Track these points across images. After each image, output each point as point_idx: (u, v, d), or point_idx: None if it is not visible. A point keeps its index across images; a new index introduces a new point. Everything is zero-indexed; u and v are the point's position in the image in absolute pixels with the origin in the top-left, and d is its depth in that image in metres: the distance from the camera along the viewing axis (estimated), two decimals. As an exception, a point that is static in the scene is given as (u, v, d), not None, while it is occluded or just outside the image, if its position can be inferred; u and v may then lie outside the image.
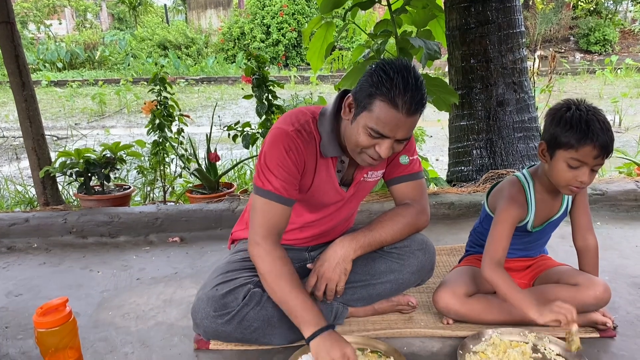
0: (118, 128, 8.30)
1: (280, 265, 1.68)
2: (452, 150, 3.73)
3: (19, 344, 1.92)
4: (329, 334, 1.60)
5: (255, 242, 1.71)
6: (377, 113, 1.56)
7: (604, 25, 15.65)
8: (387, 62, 1.60)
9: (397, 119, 1.56)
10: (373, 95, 1.57)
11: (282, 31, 16.21)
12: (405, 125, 1.59)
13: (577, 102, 1.73)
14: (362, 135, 1.61)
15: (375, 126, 1.57)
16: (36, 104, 3.36)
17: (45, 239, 2.97)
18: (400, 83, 1.54)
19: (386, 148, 1.61)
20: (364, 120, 1.59)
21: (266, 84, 3.48)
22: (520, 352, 1.71)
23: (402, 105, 1.54)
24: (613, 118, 7.07)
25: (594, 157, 1.67)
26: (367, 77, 1.61)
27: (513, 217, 1.85)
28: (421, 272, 1.92)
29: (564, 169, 1.73)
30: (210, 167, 3.70)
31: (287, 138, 1.70)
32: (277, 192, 1.69)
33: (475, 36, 3.40)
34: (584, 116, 1.68)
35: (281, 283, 1.66)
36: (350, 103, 1.65)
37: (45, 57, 16.14)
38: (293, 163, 1.70)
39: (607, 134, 1.67)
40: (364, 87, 1.60)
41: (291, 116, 1.77)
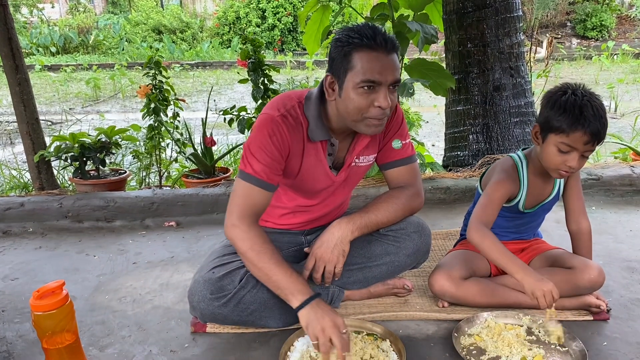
0: (113, 113, 8.25)
1: (259, 242, 1.67)
2: (449, 135, 3.73)
3: (16, 328, 1.92)
4: (317, 303, 1.60)
5: (232, 224, 1.69)
6: (361, 64, 1.59)
7: (601, 10, 15.57)
8: (345, 28, 1.65)
9: (379, 59, 1.59)
10: (348, 54, 1.60)
11: (277, 15, 16.07)
12: (390, 65, 1.61)
13: (574, 87, 1.73)
14: (356, 97, 1.62)
15: (364, 77, 1.59)
16: (30, 88, 3.33)
17: (40, 223, 2.97)
18: (367, 30, 1.59)
19: (383, 97, 1.61)
20: (352, 80, 1.61)
21: (262, 68, 3.46)
22: (515, 334, 1.73)
23: (378, 45, 1.58)
24: (609, 104, 7.08)
25: (584, 142, 1.68)
26: (334, 46, 1.65)
27: (504, 189, 1.87)
28: (417, 254, 1.93)
29: (554, 153, 1.74)
30: (206, 151, 3.68)
31: (272, 123, 1.70)
32: (258, 175, 1.69)
33: (472, 20, 3.39)
34: (578, 101, 1.68)
35: (263, 258, 1.65)
36: (331, 81, 1.67)
37: (38, 41, 15.96)
38: (276, 148, 1.69)
39: (600, 120, 1.67)
40: (336, 54, 1.63)
41: (277, 101, 1.77)
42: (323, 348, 1.53)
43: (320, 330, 1.54)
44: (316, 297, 1.62)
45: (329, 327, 1.53)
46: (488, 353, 1.66)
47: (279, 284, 1.64)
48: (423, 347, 1.73)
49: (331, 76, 1.66)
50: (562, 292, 1.83)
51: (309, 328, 1.56)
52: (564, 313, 1.86)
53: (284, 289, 1.64)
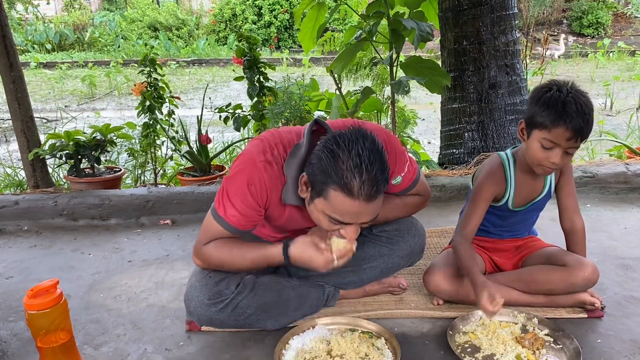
0: (108, 110, 8.23)
1: (220, 245, 1.69)
2: (444, 132, 3.73)
3: (10, 326, 1.92)
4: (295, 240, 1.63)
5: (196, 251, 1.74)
6: (333, 203, 1.45)
7: (597, 8, 15.59)
8: (336, 139, 1.45)
9: (355, 207, 1.44)
10: (325, 183, 1.44)
11: (274, 13, 16.03)
12: (368, 211, 1.47)
13: (560, 84, 1.73)
14: (322, 222, 1.54)
15: (333, 215, 1.48)
16: (24, 85, 3.32)
17: (35, 221, 2.96)
18: (352, 166, 1.39)
19: (352, 232, 1.54)
20: (320, 207, 1.50)
21: (258, 66, 3.46)
22: (510, 332, 1.73)
23: (358, 193, 1.41)
24: (605, 101, 7.09)
25: (567, 139, 1.68)
26: (317, 158, 1.47)
27: (488, 192, 1.89)
28: (411, 255, 1.93)
29: (537, 149, 1.75)
30: (202, 149, 3.68)
31: (253, 169, 1.60)
32: (228, 220, 1.64)
33: (468, 18, 3.38)
34: (562, 97, 1.68)
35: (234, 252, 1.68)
36: (305, 182, 1.54)
37: (33, 38, 15.87)
38: (254, 198, 1.61)
39: (583, 117, 1.65)
40: (316, 170, 1.47)
41: (265, 143, 1.64)
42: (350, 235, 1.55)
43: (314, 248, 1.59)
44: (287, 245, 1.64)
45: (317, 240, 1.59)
46: (483, 351, 1.66)
47: (257, 257, 1.68)
48: (418, 344, 1.73)
49: (306, 179, 1.53)
50: (556, 290, 1.85)
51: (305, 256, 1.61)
52: (558, 310, 1.86)
53: (263, 257, 1.67)
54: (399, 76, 2.95)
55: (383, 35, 3.10)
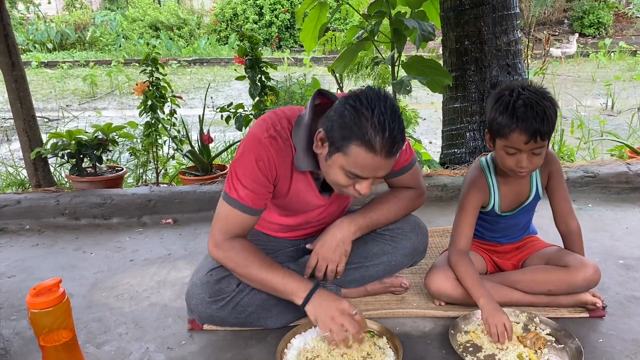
0: (110, 110, 8.24)
1: (244, 255, 1.66)
2: (446, 132, 3.73)
3: (13, 325, 1.92)
4: (319, 295, 1.60)
5: (214, 247, 1.69)
6: (354, 158, 1.48)
7: (598, 8, 15.56)
8: (358, 98, 1.48)
9: (375, 162, 1.48)
10: (347, 138, 1.46)
11: (275, 12, 16.03)
12: (386, 166, 1.52)
13: (512, 87, 1.69)
14: (339, 176, 1.55)
15: (352, 169, 1.50)
16: (26, 85, 3.33)
17: (37, 220, 2.96)
18: (376, 122, 1.43)
19: (366, 187, 1.55)
20: (339, 162, 1.52)
21: (259, 65, 3.46)
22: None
23: (380, 148, 1.45)
24: (606, 101, 7.08)
25: (525, 142, 1.64)
26: (338, 114, 1.49)
27: (473, 202, 1.88)
28: (414, 254, 1.93)
29: (503, 156, 1.73)
30: (203, 148, 3.68)
31: (259, 146, 1.62)
32: (242, 201, 1.64)
33: (469, 17, 3.38)
34: (512, 101, 1.63)
35: (253, 271, 1.65)
36: (322, 138, 1.55)
37: (35, 38, 15.88)
38: (263, 174, 1.63)
39: (536, 117, 1.60)
40: (336, 126, 1.49)
41: (267, 121, 1.67)
42: (339, 336, 1.53)
43: (330, 319, 1.54)
44: (317, 289, 1.62)
45: (338, 315, 1.54)
46: (484, 350, 1.66)
47: (277, 289, 1.65)
48: (420, 344, 1.73)
49: (324, 135, 1.53)
50: (557, 291, 1.84)
51: (318, 322, 1.57)
52: (560, 310, 1.86)
53: (283, 292, 1.64)
54: (401, 76, 2.96)
55: (385, 35, 3.11)
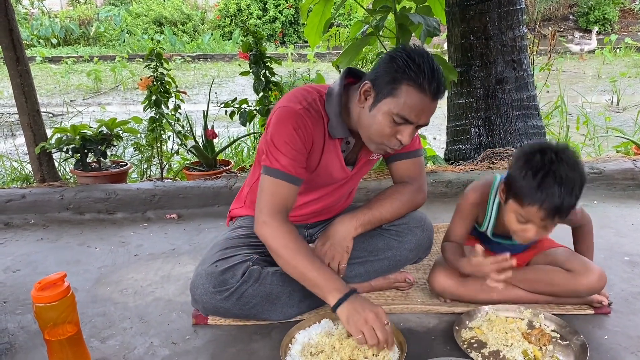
0: (114, 105, 8.24)
1: (294, 239, 1.66)
2: (451, 128, 3.72)
3: (18, 319, 1.93)
4: (356, 298, 1.60)
5: (263, 222, 1.68)
6: (405, 98, 1.55)
7: (604, 3, 15.48)
8: (409, 48, 1.59)
9: (423, 103, 1.56)
10: (398, 80, 1.55)
11: (279, 8, 15.99)
12: (430, 110, 1.59)
13: (546, 148, 1.57)
14: (384, 123, 1.59)
15: (401, 111, 1.56)
16: (31, 79, 3.33)
17: (42, 215, 2.97)
18: (427, 68, 1.54)
19: (408, 134, 1.60)
20: (387, 106, 1.57)
21: (264, 60, 3.45)
22: (516, 328, 1.72)
23: (429, 89, 1.54)
24: (611, 98, 7.05)
25: (540, 219, 1.57)
26: (388, 62, 1.58)
27: (467, 209, 1.87)
28: (419, 249, 1.93)
29: (512, 219, 1.66)
30: (208, 144, 3.68)
31: (295, 116, 1.67)
32: (285, 170, 1.67)
33: (475, 13, 3.37)
34: (541, 171, 1.52)
35: (298, 257, 1.65)
36: (367, 90, 1.62)
37: (39, 33, 15.88)
38: (302, 141, 1.68)
39: (561, 196, 1.50)
40: (386, 72, 1.57)
41: (297, 95, 1.73)
42: (371, 341, 1.53)
43: (364, 322, 1.54)
44: (353, 293, 1.62)
45: (372, 320, 1.54)
46: (489, 346, 1.66)
47: (316, 282, 1.64)
48: (424, 340, 1.73)
49: (370, 86, 1.61)
50: (560, 293, 1.83)
51: (350, 322, 1.56)
52: (564, 307, 1.86)
53: (321, 287, 1.63)
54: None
55: (390, 30, 3.09)
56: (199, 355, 1.68)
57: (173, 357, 1.68)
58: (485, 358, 1.61)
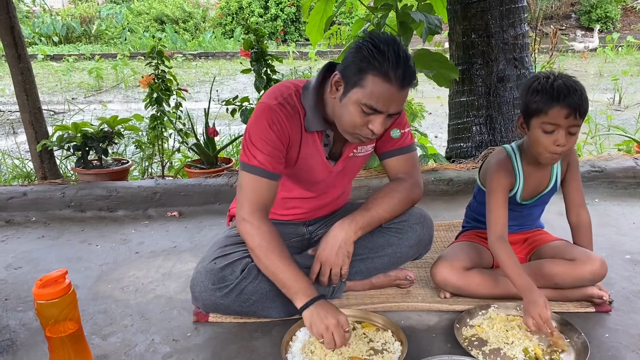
0: (115, 103, 8.24)
1: (268, 239, 1.67)
2: (452, 126, 3.72)
3: (19, 316, 1.93)
4: (321, 304, 1.61)
5: (242, 219, 1.69)
6: (370, 88, 1.55)
7: (606, 2, 15.45)
8: (375, 36, 1.58)
9: (390, 92, 1.55)
10: (364, 70, 1.55)
11: (280, 6, 15.99)
12: (398, 99, 1.58)
13: (546, 73, 1.76)
14: (354, 113, 1.60)
15: (368, 101, 1.56)
16: (32, 77, 3.33)
17: (43, 212, 2.98)
18: (392, 56, 1.53)
19: (379, 124, 1.60)
20: (355, 97, 1.58)
21: (265, 58, 3.45)
22: (517, 325, 1.72)
23: (395, 79, 1.53)
24: (613, 96, 7.04)
25: (565, 116, 1.68)
26: (354, 52, 1.58)
27: (503, 185, 1.87)
28: (419, 245, 1.93)
29: (541, 136, 1.74)
30: (209, 142, 3.68)
31: (269, 112, 1.69)
32: (262, 166, 1.68)
33: (476, 11, 3.36)
34: (550, 81, 1.71)
35: (271, 256, 1.66)
36: (337, 81, 1.63)
37: (40, 31, 15.89)
38: (277, 137, 1.69)
39: (576, 93, 1.67)
40: (352, 62, 1.58)
41: (274, 90, 1.76)
42: (328, 345, 1.56)
43: (325, 328, 1.56)
44: (320, 299, 1.63)
45: (332, 325, 1.56)
46: (490, 344, 1.66)
47: (285, 283, 1.65)
48: (425, 338, 1.73)
49: (340, 77, 1.62)
50: (564, 284, 1.84)
51: (312, 326, 1.59)
52: (566, 305, 1.86)
53: (289, 288, 1.65)
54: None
55: (391, 28, 3.09)
56: (200, 352, 1.69)
57: (174, 354, 1.68)
58: (486, 356, 1.61)
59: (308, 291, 1.64)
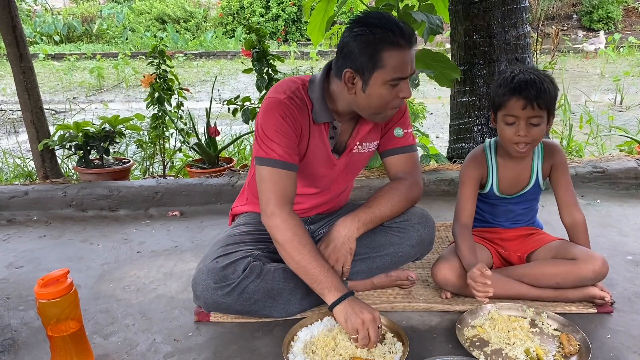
0: (116, 102, 8.25)
1: (300, 233, 1.68)
2: (453, 126, 3.71)
3: (21, 315, 1.93)
4: (354, 299, 1.64)
5: (271, 213, 1.69)
6: (391, 63, 1.60)
7: (607, 2, 15.43)
8: (362, 19, 1.64)
9: (406, 56, 1.62)
10: (377, 51, 1.59)
11: (281, 5, 15.99)
12: (413, 57, 1.66)
13: (514, 68, 1.82)
14: (384, 93, 1.65)
15: (394, 75, 1.62)
16: (34, 76, 3.33)
17: (45, 211, 2.98)
18: (390, 25, 1.60)
19: (407, 88, 1.68)
20: (381, 78, 1.62)
21: (266, 58, 3.45)
22: (518, 326, 1.72)
23: (404, 42, 1.60)
24: (615, 96, 7.03)
25: (522, 108, 1.75)
26: (355, 42, 1.62)
27: (470, 176, 1.96)
28: (421, 245, 1.93)
29: (504, 128, 1.82)
30: (210, 141, 3.68)
31: (281, 105, 1.71)
32: (282, 158, 1.70)
33: (478, 11, 3.36)
34: (512, 76, 1.77)
35: (303, 251, 1.66)
36: (351, 76, 1.66)
37: (42, 30, 15.90)
38: (291, 128, 1.72)
39: (534, 86, 1.72)
40: (360, 52, 1.61)
41: (282, 85, 1.79)
42: (363, 341, 1.57)
43: (361, 323, 1.57)
44: (351, 294, 1.64)
45: (369, 321, 1.57)
46: (491, 345, 1.66)
47: (317, 278, 1.66)
48: (426, 338, 1.73)
49: (352, 72, 1.65)
50: (565, 284, 1.84)
51: (347, 322, 1.59)
52: (567, 305, 1.85)
53: (320, 283, 1.65)
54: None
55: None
56: (201, 352, 1.69)
57: (175, 354, 1.68)
58: (488, 356, 1.61)
59: (340, 287, 1.65)
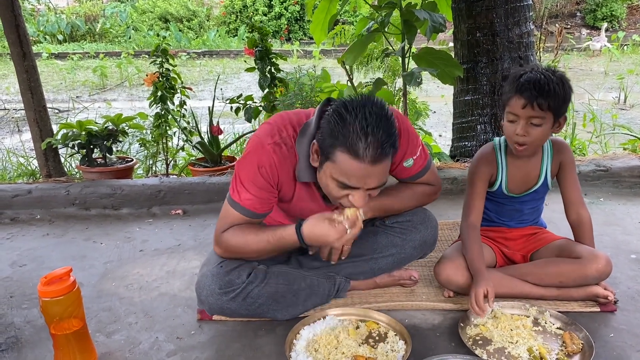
0: (119, 101, 8.26)
1: (239, 232, 1.70)
2: (456, 125, 3.71)
3: (24, 313, 1.94)
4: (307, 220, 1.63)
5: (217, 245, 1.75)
6: (340, 165, 1.47)
7: (611, 0, 15.38)
8: (345, 103, 1.48)
9: (361, 169, 1.45)
10: (332, 145, 1.47)
11: (284, 4, 15.98)
12: (374, 174, 1.48)
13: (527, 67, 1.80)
14: (331, 186, 1.56)
15: (340, 178, 1.50)
16: (37, 75, 3.34)
17: (48, 210, 2.98)
18: (357, 128, 1.41)
19: (360, 197, 1.53)
20: (329, 171, 1.53)
21: (269, 57, 3.45)
22: (521, 325, 1.72)
23: (364, 155, 1.42)
24: (618, 95, 7.01)
25: (522, 107, 1.74)
26: (326, 122, 1.51)
27: (480, 175, 1.95)
28: (423, 246, 1.92)
29: (506, 125, 1.83)
30: (213, 140, 3.68)
31: (262, 152, 1.64)
32: (245, 205, 1.67)
33: (481, 9, 3.35)
34: (519, 74, 1.76)
35: (248, 237, 1.69)
36: (317, 149, 1.57)
37: (45, 29, 15.93)
38: (265, 179, 1.65)
39: (537, 86, 1.70)
40: (325, 134, 1.50)
41: (274, 126, 1.68)
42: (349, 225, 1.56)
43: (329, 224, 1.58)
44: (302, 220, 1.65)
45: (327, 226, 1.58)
46: (494, 343, 1.65)
47: (275, 237, 1.67)
48: (429, 336, 1.73)
49: (317, 146, 1.56)
50: (568, 282, 1.84)
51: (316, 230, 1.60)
52: (570, 304, 1.85)
53: (281, 239, 1.67)
54: (411, 67, 2.93)
55: (395, 27, 3.08)
56: (204, 350, 1.69)
57: (178, 352, 1.68)
58: (490, 355, 1.61)
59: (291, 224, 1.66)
